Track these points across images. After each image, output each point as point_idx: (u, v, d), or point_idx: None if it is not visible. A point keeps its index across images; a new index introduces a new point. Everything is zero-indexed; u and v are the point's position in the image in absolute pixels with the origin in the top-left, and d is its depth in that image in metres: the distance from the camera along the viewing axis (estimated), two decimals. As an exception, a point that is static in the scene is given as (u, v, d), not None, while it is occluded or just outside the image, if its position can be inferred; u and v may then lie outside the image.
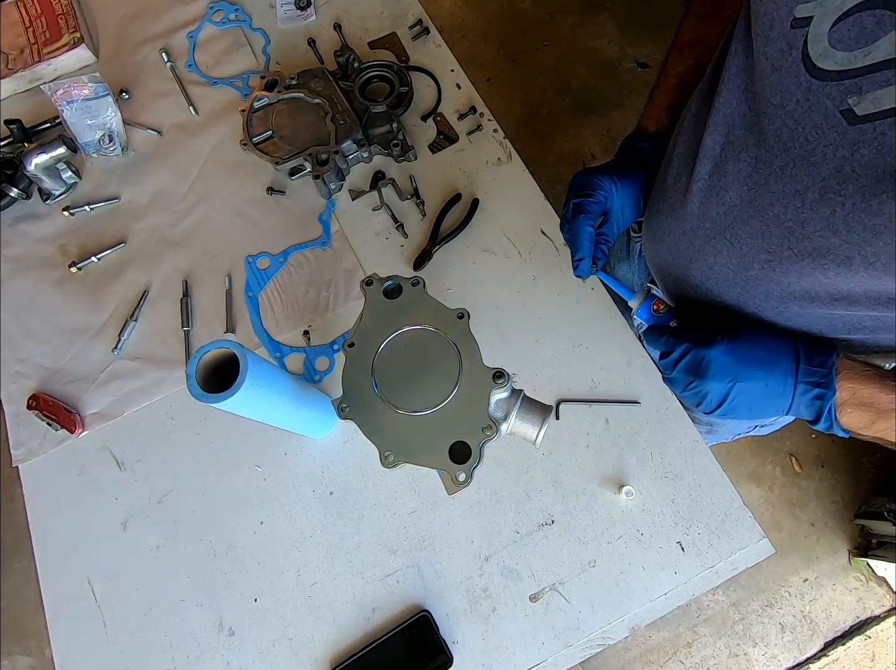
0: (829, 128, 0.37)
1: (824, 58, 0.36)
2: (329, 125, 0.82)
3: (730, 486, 0.69)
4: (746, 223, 0.47)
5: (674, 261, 0.59)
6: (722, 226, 0.49)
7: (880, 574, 1.46)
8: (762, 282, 0.49)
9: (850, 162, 0.37)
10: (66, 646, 0.69)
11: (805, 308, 0.48)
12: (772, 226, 0.44)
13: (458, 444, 0.51)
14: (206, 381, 0.48)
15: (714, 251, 0.52)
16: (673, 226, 0.57)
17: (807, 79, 0.38)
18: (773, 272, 0.47)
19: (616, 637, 0.66)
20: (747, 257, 0.49)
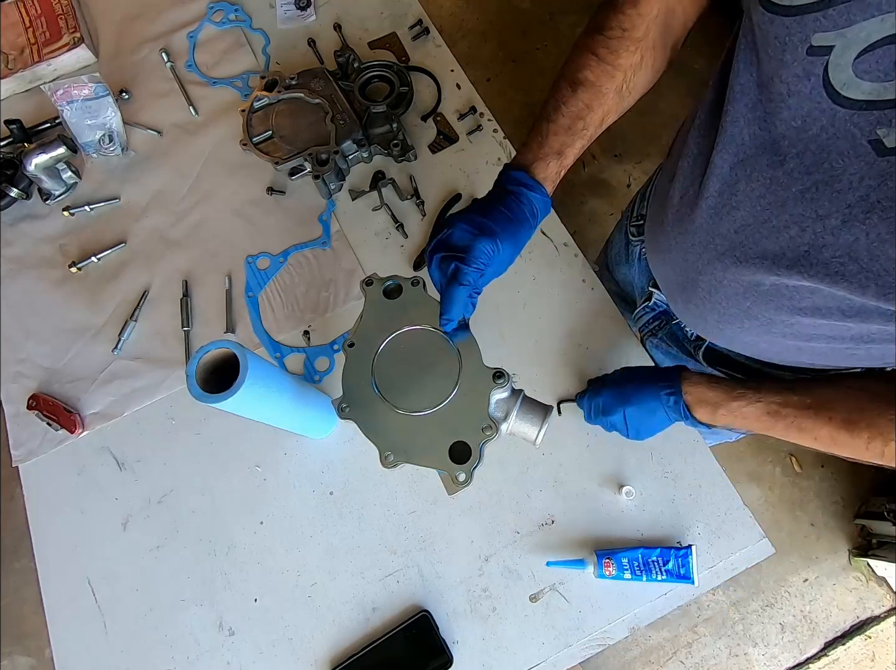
0: (856, 157, 0.37)
1: (849, 87, 0.36)
2: (329, 125, 0.82)
3: (730, 486, 0.69)
4: (759, 243, 0.47)
5: (680, 273, 0.59)
6: (733, 243, 0.49)
7: (880, 574, 1.46)
8: (773, 297, 0.49)
9: (876, 192, 0.37)
10: (66, 646, 0.69)
11: (815, 320, 0.48)
12: (786, 247, 0.44)
13: (459, 444, 0.51)
14: (206, 381, 0.48)
15: (723, 267, 0.51)
16: (680, 240, 0.57)
17: (830, 106, 0.37)
18: (786, 288, 0.47)
19: (616, 637, 0.66)
20: (758, 275, 0.48)
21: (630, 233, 0.81)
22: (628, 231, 0.82)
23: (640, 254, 0.79)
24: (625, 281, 0.89)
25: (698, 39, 1.77)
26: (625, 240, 0.85)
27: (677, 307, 0.67)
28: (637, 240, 0.80)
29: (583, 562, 0.66)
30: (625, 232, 0.84)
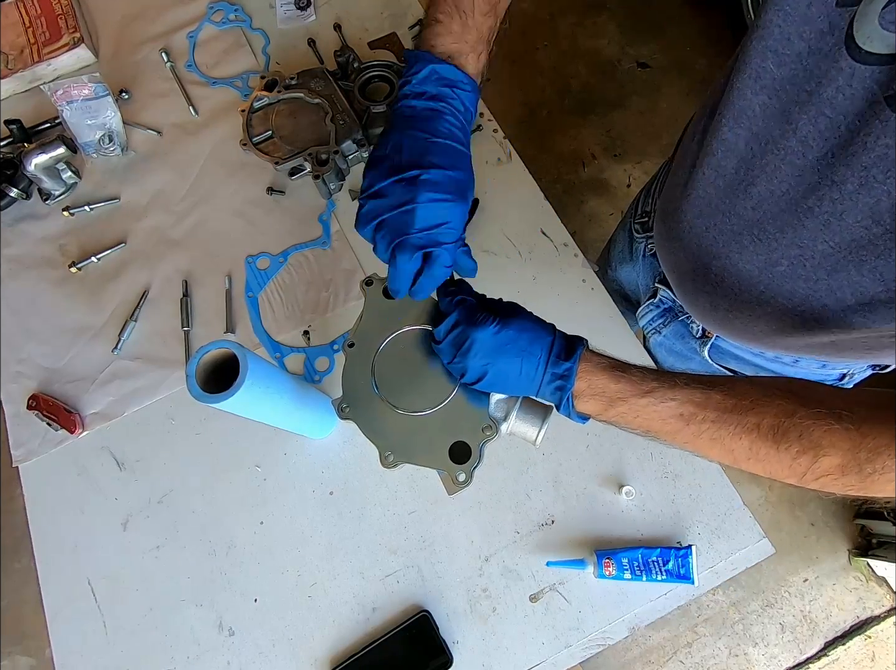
0: (871, 115, 0.35)
1: (872, 40, 0.34)
2: (329, 125, 0.82)
3: (730, 486, 0.69)
4: (777, 217, 0.45)
5: (693, 259, 0.57)
6: (750, 221, 0.47)
7: (880, 574, 1.46)
8: (789, 279, 0.47)
9: (894, 149, 0.35)
10: (66, 646, 0.69)
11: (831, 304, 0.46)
12: (804, 219, 0.42)
13: (459, 444, 0.51)
14: (206, 381, 0.48)
15: (740, 247, 0.50)
16: (695, 224, 0.55)
17: (849, 63, 0.35)
18: (804, 268, 0.45)
19: (616, 637, 0.66)
20: (776, 253, 0.46)
21: (634, 230, 0.80)
22: (633, 229, 0.81)
23: (645, 252, 0.78)
24: (628, 280, 0.88)
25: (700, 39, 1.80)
26: (628, 239, 0.84)
27: (686, 298, 0.65)
28: (642, 237, 0.79)
29: (583, 562, 0.66)
30: (629, 229, 0.83)
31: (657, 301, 0.75)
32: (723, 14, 1.91)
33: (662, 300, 0.74)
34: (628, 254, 0.85)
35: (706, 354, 0.70)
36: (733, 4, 1.78)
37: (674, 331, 0.75)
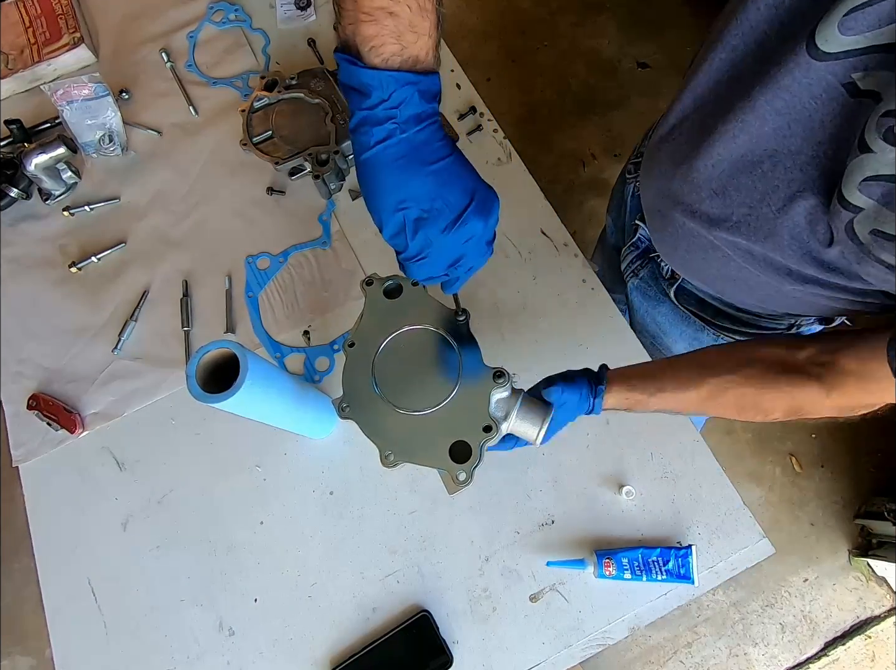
0: (829, 99, 0.40)
1: (829, 42, 0.37)
2: (329, 125, 0.82)
3: (730, 486, 0.69)
4: (733, 176, 0.49)
5: (661, 199, 0.62)
6: (709, 176, 0.52)
7: (880, 574, 1.46)
8: (736, 232, 0.52)
9: (846, 130, 0.39)
10: (66, 646, 0.69)
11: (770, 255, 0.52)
12: (758, 182, 0.47)
13: (459, 444, 0.51)
14: (206, 381, 0.48)
15: (699, 198, 0.54)
16: (666, 168, 0.59)
17: (806, 59, 0.39)
18: (748, 226, 0.51)
19: (616, 637, 0.66)
20: (728, 208, 0.52)
21: (628, 170, 0.82)
22: (626, 170, 0.83)
23: (634, 192, 0.80)
24: (618, 227, 0.89)
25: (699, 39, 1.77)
26: (622, 182, 0.85)
27: (655, 236, 0.70)
28: (632, 177, 0.80)
29: (583, 562, 0.66)
30: (623, 172, 0.85)
31: (636, 240, 0.77)
32: (723, 14, 1.91)
33: (640, 239, 0.76)
34: (619, 196, 0.86)
35: (672, 295, 0.73)
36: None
37: (649, 272, 0.77)
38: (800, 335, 0.66)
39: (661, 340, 0.83)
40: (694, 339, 0.76)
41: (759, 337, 0.70)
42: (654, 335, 0.83)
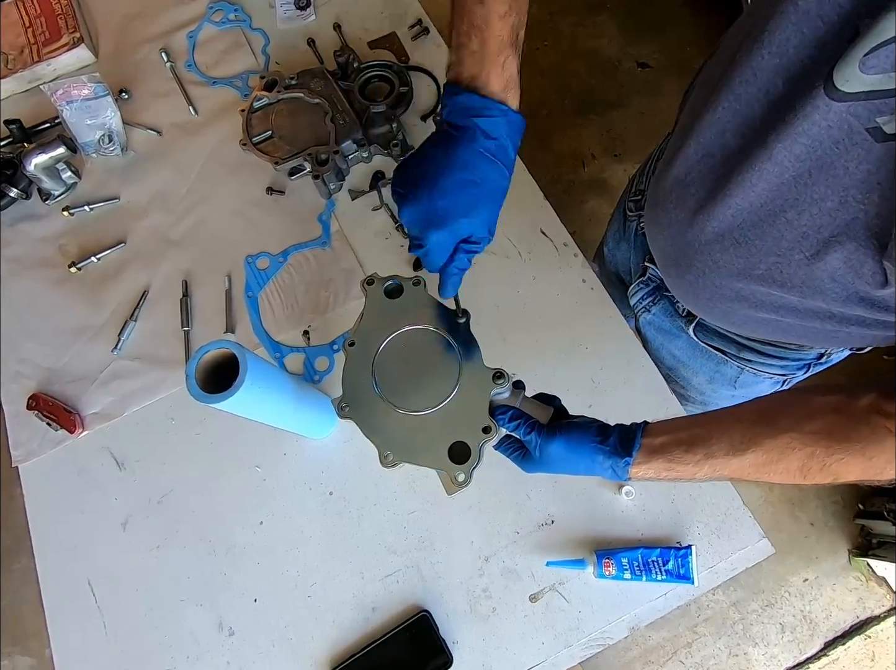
0: (852, 144, 0.38)
1: (849, 81, 0.36)
2: (329, 125, 0.82)
3: (730, 486, 0.69)
4: (756, 226, 0.47)
5: (678, 249, 0.59)
6: (730, 226, 0.49)
7: (880, 574, 1.46)
8: (765, 281, 0.49)
9: (876, 175, 0.37)
10: (66, 646, 0.69)
11: (806, 302, 0.49)
12: (784, 230, 0.45)
13: (458, 444, 0.51)
14: (206, 381, 0.48)
15: (721, 248, 0.51)
16: (678, 216, 0.56)
17: (825, 101, 0.37)
18: (780, 274, 0.47)
19: (616, 637, 0.66)
20: (754, 258, 0.49)
21: (628, 208, 0.81)
22: (626, 207, 0.82)
23: (637, 230, 0.79)
24: (622, 260, 0.88)
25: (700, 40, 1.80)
26: (622, 218, 0.84)
27: (671, 282, 0.67)
28: (634, 215, 0.79)
29: (583, 562, 0.66)
30: (623, 208, 0.84)
31: (646, 279, 0.76)
32: (723, 14, 1.91)
33: (651, 278, 0.75)
34: (622, 232, 0.85)
35: (691, 332, 0.72)
36: (733, 4, 1.78)
37: (662, 308, 0.76)
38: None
39: (678, 372, 0.81)
40: (715, 372, 0.74)
41: (786, 367, 0.67)
42: (672, 367, 0.81)
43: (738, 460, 0.46)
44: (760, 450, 0.46)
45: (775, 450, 0.45)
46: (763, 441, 0.46)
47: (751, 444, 0.46)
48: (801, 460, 0.45)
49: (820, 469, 0.44)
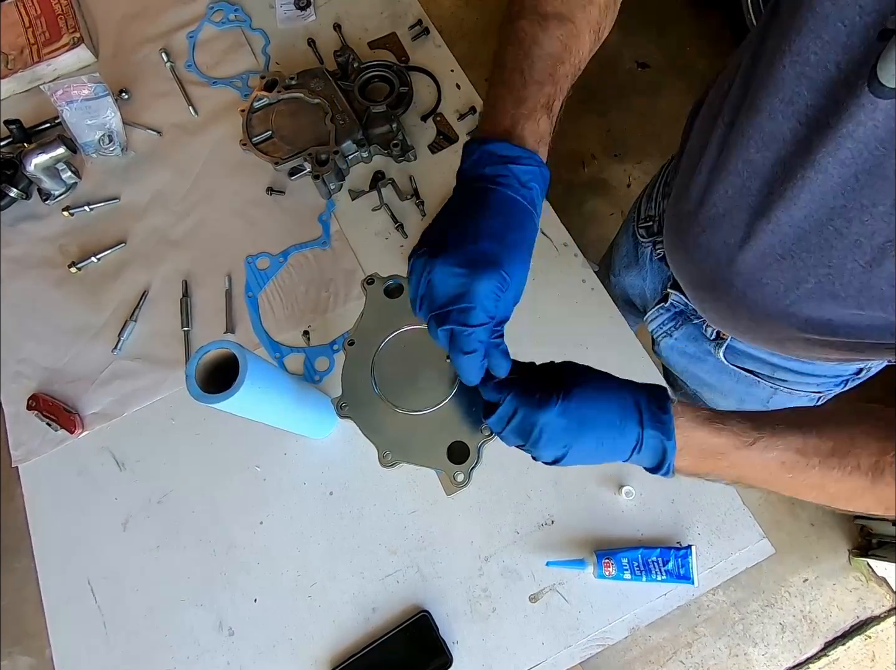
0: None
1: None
2: (329, 125, 0.82)
3: (730, 486, 0.69)
4: (803, 238, 0.45)
5: (710, 271, 0.55)
6: (773, 242, 0.47)
7: (880, 574, 1.46)
8: (816, 296, 0.46)
9: None
10: (66, 646, 0.69)
11: (860, 313, 0.45)
12: (833, 240, 0.42)
13: (457, 444, 0.51)
14: (206, 381, 0.48)
15: (763, 265, 0.49)
16: (711, 238, 0.53)
17: (871, 99, 0.35)
18: (832, 286, 0.44)
19: (616, 637, 0.66)
20: (802, 271, 0.46)
21: (639, 235, 0.79)
22: (636, 233, 0.80)
23: (652, 256, 0.76)
24: (633, 285, 0.86)
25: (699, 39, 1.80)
26: (633, 243, 0.82)
27: (704, 306, 0.63)
28: (648, 241, 0.77)
29: (583, 562, 0.66)
30: (632, 234, 0.82)
31: (668, 305, 0.73)
32: (723, 14, 1.90)
33: (674, 304, 0.73)
34: (633, 258, 0.83)
35: (721, 355, 0.69)
36: (733, 5, 1.78)
37: (686, 333, 0.73)
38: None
39: (703, 396, 0.79)
40: (746, 394, 0.72)
41: (823, 384, 0.64)
42: (697, 390, 0.78)
43: (803, 439, 0.40)
44: (825, 436, 0.40)
45: (842, 439, 0.40)
46: (827, 428, 0.41)
47: (814, 427, 0.41)
48: (874, 456, 0.39)
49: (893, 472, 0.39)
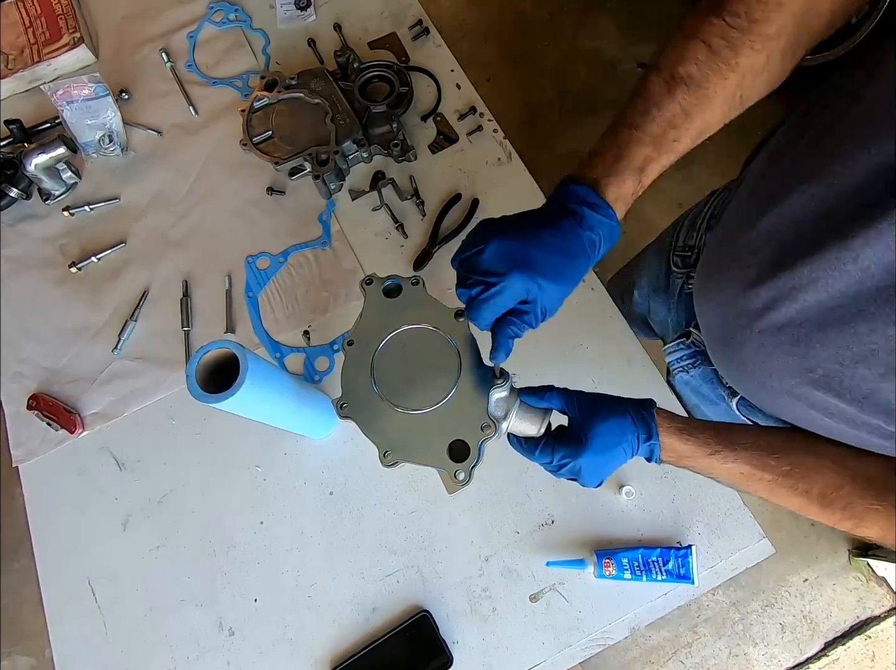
0: None
1: None
2: (329, 125, 0.82)
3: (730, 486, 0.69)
4: (820, 329, 0.42)
5: (727, 331, 0.53)
6: (791, 321, 0.44)
7: (880, 574, 1.45)
8: (821, 386, 0.44)
9: None
10: (66, 646, 0.69)
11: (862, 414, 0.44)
12: (850, 341, 0.40)
13: (458, 443, 0.51)
14: (206, 381, 0.48)
15: (776, 342, 0.46)
16: (736, 297, 0.50)
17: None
18: (840, 384, 0.42)
19: (616, 637, 0.66)
20: (812, 360, 0.43)
21: (674, 262, 0.75)
22: (671, 260, 0.76)
23: (683, 289, 0.73)
24: (656, 310, 0.82)
25: None
26: (666, 270, 0.77)
27: (716, 358, 0.61)
28: (681, 272, 0.73)
29: (583, 562, 0.66)
30: (667, 260, 0.77)
31: (689, 342, 0.71)
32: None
33: (695, 342, 0.70)
34: (664, 284, 0.79)
35: (734, 405, 0.67)
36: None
37: (702, 374, 0.71)
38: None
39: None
40: None
41: None
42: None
43: (760, 457, 0.45)
44: (786, 459, 0.45)
45: (804, 464, 0.44)
46: (794, 452, 0.45)
47: (779, 451, 0.45)
48: (827, 489, 0.43)
49: (843, 506, 0.43)
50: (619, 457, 0.50)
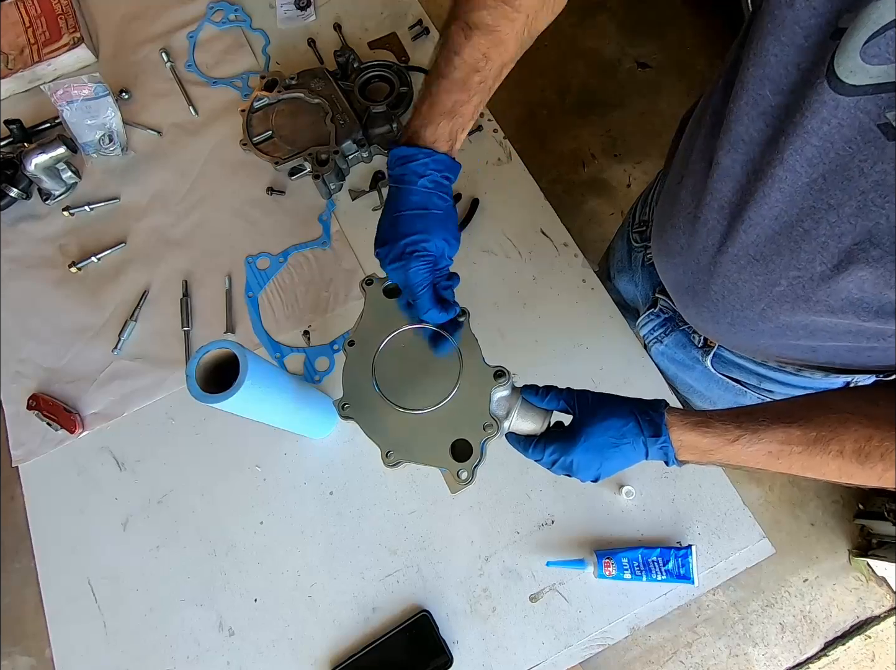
0: (864, 142, 0.36)
1: (855, 73, 0.34)
2: (329, 125, 0.82)
3: (730, 486, 0.69)
4: (773, 240, 0.45)
5: (692, 276, 0.57)
6: (746, 243, 0.48)
7: (880, 574, 1.46)
8: (789, 298, 0.47)
9: (892, 176, 0.36)
10: (66, 646, 0.69)
11: (832, 319, 0.46)
12: (801, 241, 0.43)
13: (460, 442, 0.51)
14: (206, 381, 0.48)
15: (738, 268, 0.50)
16: (691, 241, 0.54)
17: (832, 96, 0.36)
18: (803, 289, 0.45)
19: (616, 637, 0.66)
20: (774, 274, 0.47)
21: (633, 239, 0.79)
22: (630, 238, 0.80)
23: (644, 261, 0.77)
24: (626, 289, 0.87)
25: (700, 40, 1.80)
26: (627, 248, 0.82)
27: (687, 311, 0.65)
28: (640, 246, 0.78)
29: (583, 562, 0.66)
30: (627, 239, 0.82)
31: (657, 310, 0.74)
32: (722, 14, 1.91)
33: (663, 309, 0.74)
34: (627, 262, 0.84)
35: (708, 363, 0.70)
36: (733, 5, 1.78)
37: (675, 340, 0.74)
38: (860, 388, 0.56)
39: (694, 402, 0.80)
40: (734, 403, 0.72)
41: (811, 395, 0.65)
42: (688, 396, 0.79)
43: (784, 430, 0.44)
44: (809, 424, 0.44)
45: (828, 425, 0.43)
46: (813, 415, 0.44)
47: (799, 417, 0.44)
48: (859, 442, 0.42)
49: (881, 456, 0.41)
50: (619, 456, 0.50)
